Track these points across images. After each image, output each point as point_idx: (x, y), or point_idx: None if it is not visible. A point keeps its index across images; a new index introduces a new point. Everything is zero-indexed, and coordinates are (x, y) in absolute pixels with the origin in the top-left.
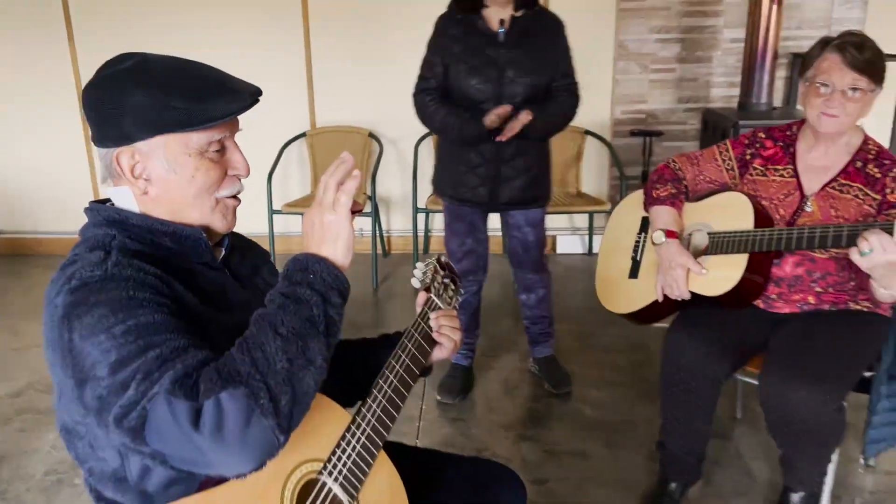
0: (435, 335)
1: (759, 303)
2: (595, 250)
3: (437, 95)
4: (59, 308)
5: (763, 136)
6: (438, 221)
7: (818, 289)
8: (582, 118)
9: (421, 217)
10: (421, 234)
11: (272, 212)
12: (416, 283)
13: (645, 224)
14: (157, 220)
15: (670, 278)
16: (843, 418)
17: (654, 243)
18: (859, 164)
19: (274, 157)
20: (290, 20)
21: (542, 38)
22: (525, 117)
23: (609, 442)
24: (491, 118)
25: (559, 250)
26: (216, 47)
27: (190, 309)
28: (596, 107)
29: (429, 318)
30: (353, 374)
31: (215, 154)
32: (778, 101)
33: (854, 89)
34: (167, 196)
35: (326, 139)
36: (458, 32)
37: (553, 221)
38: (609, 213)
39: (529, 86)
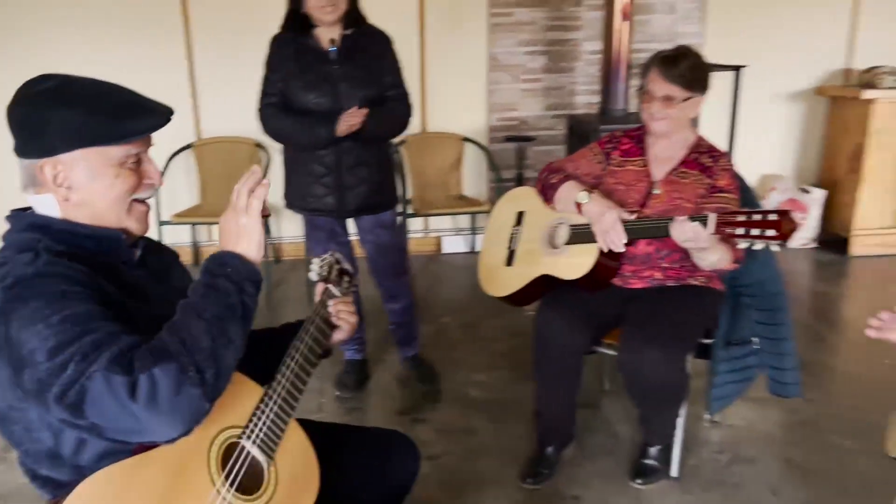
0: (334, 319)
1: (617, 280)
2: (477, 248)
3: (280, 109)
4: None
5: (620, 134)
6: None
7: (664, 264)
8: (461, 126)
9: None
10: None
11: (160, 222)
12: (313, 276)
13: (519, 218)
14: (77, 224)
15: (601, 229)
16: (686, 377)
17: (580, 203)
18: (695, 156)
19: (161, 169)
20: (172, 33)
21: (370, 53)
22: (360, 113)
23: (493, 418)
24: (343, 123)
25: (444, 250)
26: (96, 64)
27: (116, 301)
28: (473, 115)
29: (327, 306)
30: (263, 357)
31: (133, 165)
32: (634, 107)
33: (669, 98)
34: (87, 202)
35: (213, 150)
36: (291, 51)
37: (437, 223)
38: (489, 213)
39: (363, 98)
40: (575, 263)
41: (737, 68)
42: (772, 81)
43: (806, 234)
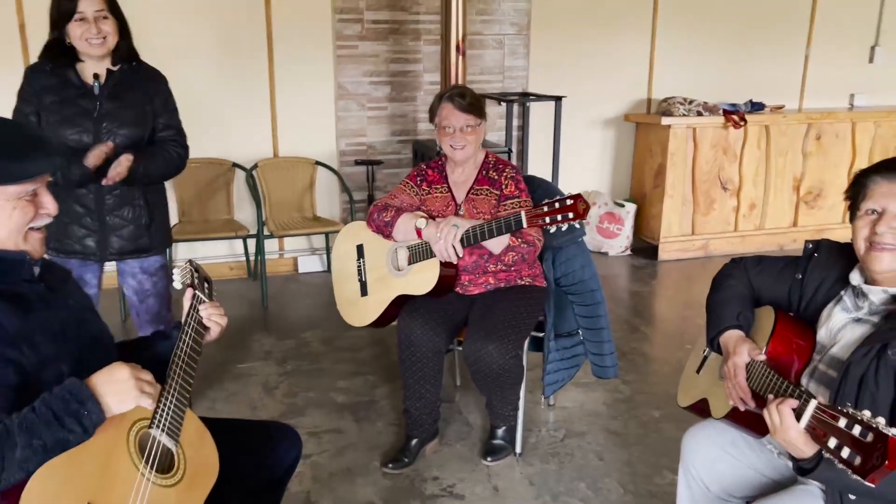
0: (206, 322)
1: (459, 290)
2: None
3: None
4: None
5: (425, 167)
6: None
7: (492, 268)
8: (312, 150)
9: None
10: None
11: None
12: (178, 284)
13: (360, 252)
14: None
15: (440, 246)
16: (521, 364)
17: (420, 228)
18: (484, 172)
19: None
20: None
21: (139, 91)
22: (126, 160)
23: (358, 418)
24: (92, 158)
25: (301, 270)
26: None
27: (9, 328)
28: (323, 140)
29: (198, 311)
30: (149, 363)
31: (29, 197)
32: None
33: (467, 126)
34: None
35: None
36: (50, 84)
37: (293, 244)
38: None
39: (128, 137)
40: (423, 279)
41: (558, 98)
42: (587, 110)
43: (622, 242)
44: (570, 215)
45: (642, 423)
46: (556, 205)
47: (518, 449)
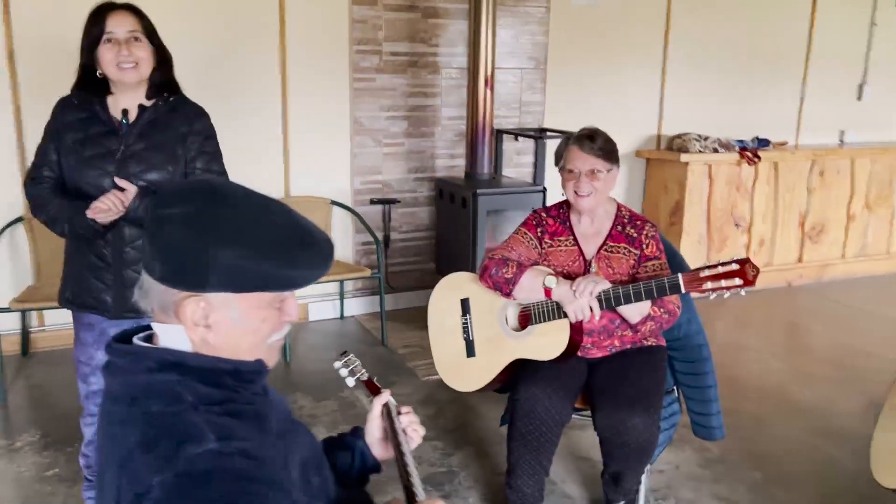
0: (410, 432)
1: (579, 352)
2: (347, 314)
3: (52, 185)
4: (154, 489)
5: (545, 215)
6: None
7: (620, 332)
8: (325, 189)
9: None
10: None
11: None
12: (351, 381)
13: (465, 306)
14: (216, 358)
15: (578, 307)
16: (658, 434)
17: (549, 287)
18: (619, 227)
19: None
20: None
21: (173, 130)
22: (129, 192)
23: (443, 493)
24: (97, 208)
25: (312, 318)
26: None
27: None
28: (337, 178)
29: (397, 421)
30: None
31: (279, 304)
32: (498, 170)
33: (593, 171)
34: (224, 342)
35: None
36: (75, 119)
37: (304, 290)
38: (359, 277)
39: (155, 182)
40: (549, 343)
41: None
42: None
43: None
44: (738, 281)
45: (750, 488)
46: (720, 269)
47: None
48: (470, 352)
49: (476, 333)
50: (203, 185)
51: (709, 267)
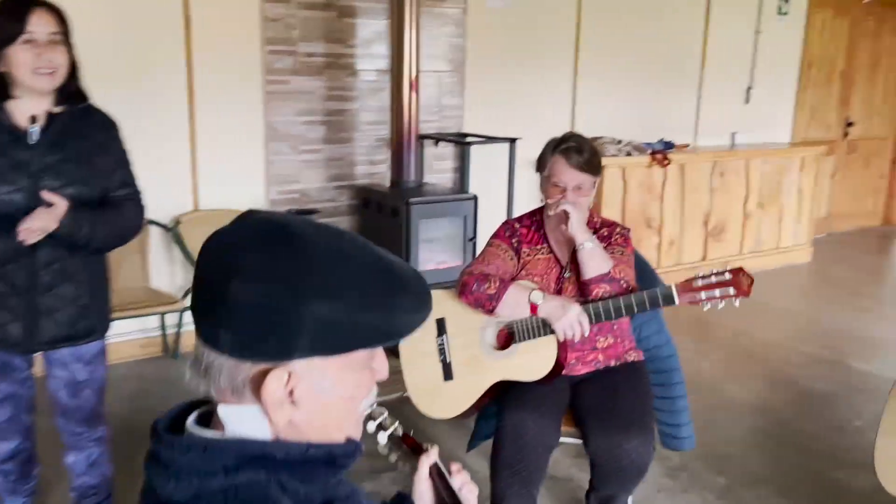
0: (465, 495)
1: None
2: None
3: None
4: None
5: (517, 225)
6: None
7: (601, 343)
8: (238, 201)
9: None
10: None
11: None
12: (383, 439)
13: (441, 326)
14: (306, 444)
15: (567, 323)
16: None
17: (536, 303)
18: (592, 231)
19: None
20: None
21: (89, 141)
22: (59, 207)
23: None
24: (26, 229)
25: None
26: None
27: None
28: (251, 189)
29: (447, 482)
30: None
31: (370, 362)
32: (425, 177)
33: (580, 187)
34: (312, 420)
35: None
36: None
37: None
38: None
39: (75, 198)
40: (535, 361)
41: (512, 140)
42: (518, 149)
43: None
44: (732, 291)
45: (719, 495)
46: (713, 279)
47: None
48: (447, 375)
49: (454, 355)
50: (270, 224)
51: (702, 277)
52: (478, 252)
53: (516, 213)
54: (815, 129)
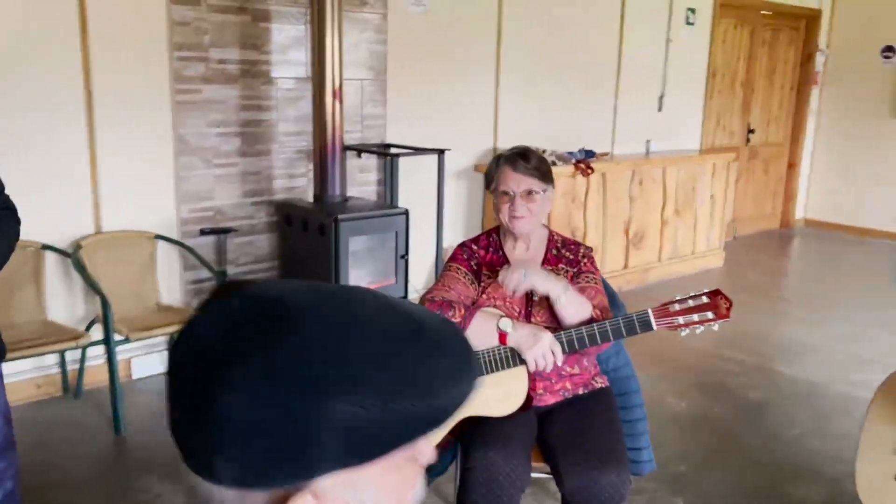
0: None
1: None
2: None
3: None
4: None
5: (475, 247)
6: None
7: (568, 369)
8: (146, 221)
9: None
10: None
11: None
12: None
13: None
14: None
15: (539, 352)
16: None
17: (504, 331)
18: (555, 251)
19: None
20: None
21: None
22: None
23: None
24: None
25: (135, 375)
26: None
27: None
28: (161, 207)
29: None
30: None
31: (414, 450)
32: (350, 191)
33: (529, 192)
34: None
35: None
36: None
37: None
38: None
39: None
40: (505, 395)
41: (441, 151)
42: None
43: None
44: (710, 315)
45: None
46: (691, 302)
47: None
48: None
49: None
50: (257, 304)
51: (678, 301)
52: (411, 271)
53: (447, 228)
54: (721, 135)
